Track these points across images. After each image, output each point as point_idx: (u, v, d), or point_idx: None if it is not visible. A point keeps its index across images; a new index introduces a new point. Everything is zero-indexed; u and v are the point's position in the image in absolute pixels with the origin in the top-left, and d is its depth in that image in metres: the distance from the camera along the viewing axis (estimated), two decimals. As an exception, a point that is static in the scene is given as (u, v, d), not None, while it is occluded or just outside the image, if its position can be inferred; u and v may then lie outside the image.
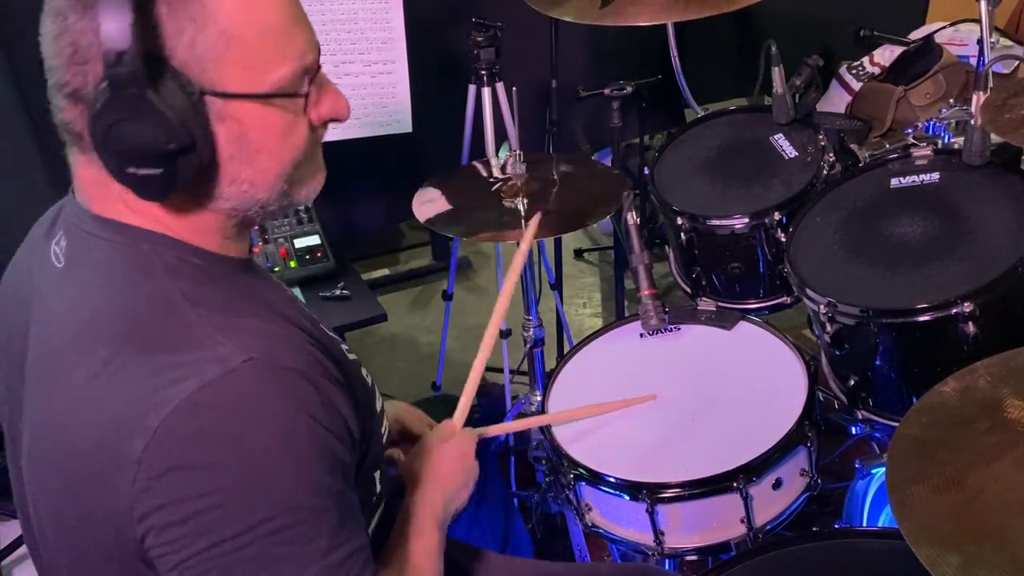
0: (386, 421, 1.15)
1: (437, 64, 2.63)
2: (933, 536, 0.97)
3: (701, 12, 1.87)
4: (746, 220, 1.83)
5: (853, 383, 1.66)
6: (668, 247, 2.12)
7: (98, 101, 0.83)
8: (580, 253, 3.33)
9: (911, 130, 2.08)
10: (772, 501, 1.52)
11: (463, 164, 2.32)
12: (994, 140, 1.64)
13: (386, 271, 3.35)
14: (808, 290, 1.64)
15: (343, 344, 1.08)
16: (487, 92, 2.25)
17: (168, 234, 0.93)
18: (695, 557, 1.59)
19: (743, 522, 1.49)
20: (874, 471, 1.72)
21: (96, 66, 0.84)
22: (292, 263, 1.98)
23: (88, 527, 0.89)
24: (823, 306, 1.59)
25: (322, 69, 0.95)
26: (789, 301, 1.91)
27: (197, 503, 0.83)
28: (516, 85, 1.99)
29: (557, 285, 2.65)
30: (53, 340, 0.93)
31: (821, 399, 1.65)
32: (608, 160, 2.73)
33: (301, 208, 2.05)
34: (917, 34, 2.78)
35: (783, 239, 1.77)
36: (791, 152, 1.95)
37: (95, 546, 0.90)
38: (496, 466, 2.15)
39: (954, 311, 1.47)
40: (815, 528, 1.81)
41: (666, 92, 2.62)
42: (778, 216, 1.81)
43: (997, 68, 2.38)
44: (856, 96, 2.76)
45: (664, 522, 1.49)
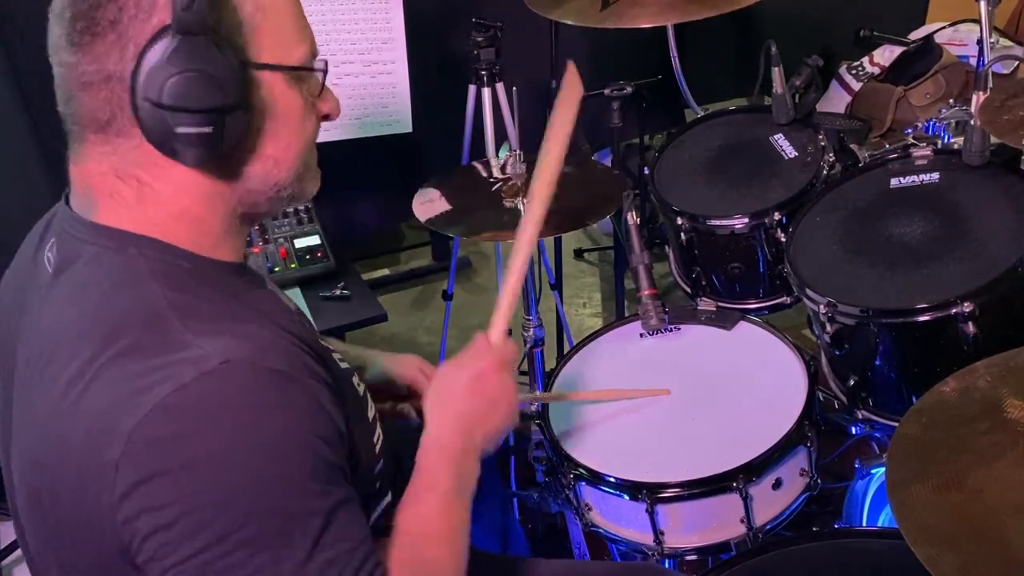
0: (379, 429, 1.11)
1: (437, 64, 2.63)
2: (933, 536, 0.97)
3: (701, 13, 1.87)
4: (746, 220, 1.83)
5: (853, 383, 1.66)
6: (668, 247, 2.12)
7: (148, 61, 0.85)
8: (580, 253, 3.33)
9: (911, 130, 2.08)
10: (772, 501, 1.52)
11: (463, 164, 2.32)
12: (994, 140, 1.64)
13: (386, 271, 3.35)
14: (808, 290, 1.64)
15: (335, 354, 1.07)
16: (487, 92, 2.25)
17: (160, 238, 0.92)
18: (695, 557, 1.59)
19: (743, 522, 1.49)
20: (874, 471, 1.72)
21: (141, 37, 0.85)
22: (292, 263, 1.98)
23: (72, 532, 0.89)
24: (823, 306, 1.59)
25: None
26: (789, 301, 1.91)
27: (174, 509, 0.82)
28: (516, 85, 1.99)
29: (557, 285, 2.65)
30: (41, 345, 0.93)
31: (821, 399, 1.66)
32: (608, 160, 2.73)
33: (301, 208, 2.05)
34: (917, 34, 2.79)
35: (783, 239, 1.77)
36: (791, 152, 1.95)
37: (81, 551, 0.89)
38: (495, 466, 2.15)
39: (954, 311, 1.47)
40: (815, 528, 1.81)
41: (666, 92, 2.62)
42: (778, 216, 1.81)
43: (997, 68, 2.38)
44: (856, 96, 2.76)
45: (664, 522, 1.50)
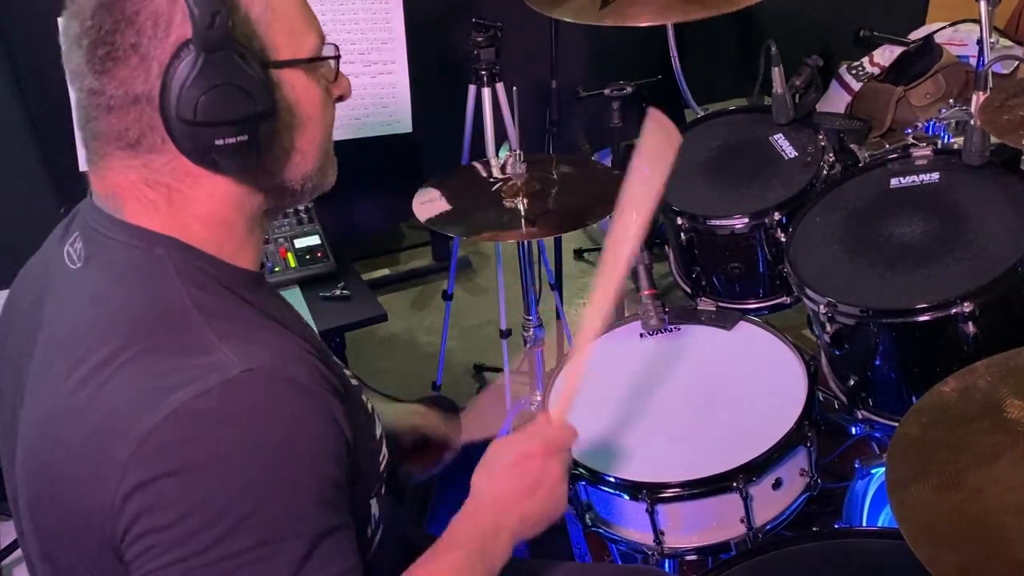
0: (384, 449, 1.10)
1: (437, 64, 2.63)
2: (933, 536, 0.97)
3: (701, 12, 1.87)
4: (746, 220, 1.83)
5: (853, 383, 1.66)
6: (668, 247, 2.12)
7: (176, 82, 0.85)
8: (580, 253, 3.33)
9: (911, 130, 2.08)
10: (772, 501, 1.52)
11: (463, 164, 2.32)
12: (994, 140, 1.64)
13: (386, 271, 3.35)
14: (808, 290, 1.64)
15: (345, 369, 1.08)
16: (487, 92, 2.25)
17: (185, 240, 0.93)
18: (695, 557, 1.59)
19: (743, 522, 1.49)
20: (874, 471, 1.72)
21: (163, 55, 0.85)
22: (292, 263, 1.98)
23: (72, 532, 0.89)
24: (823, 306, 1.59)
25: None
26: (789, 301, 1.91)
27: (172, 513, 0.82)
28: (516, 85, 1.99)
29: (557, 285, 2.65)
30: (62, 339, 0.93)
31: (821, 399, 1.65)
32: (608, 160, 2.73)
33: (301, 208, 2.05)
34: (917, 34, 2.79)
35: (783, 239, 1.77)
36: (791, 152, 1.95)
37: (80, 551, 0.89)
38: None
39: (954, 311, 1.47)
40: (815, 528, 1.81)
41: (666, 92, 2.62)
42: (778, 216, 1.81)
43: (997, 68, 2.38)
44: (856, 96, 2.76)
45: (664, 522, 1.49)
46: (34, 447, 0.93)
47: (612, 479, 1.50)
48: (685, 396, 1.62)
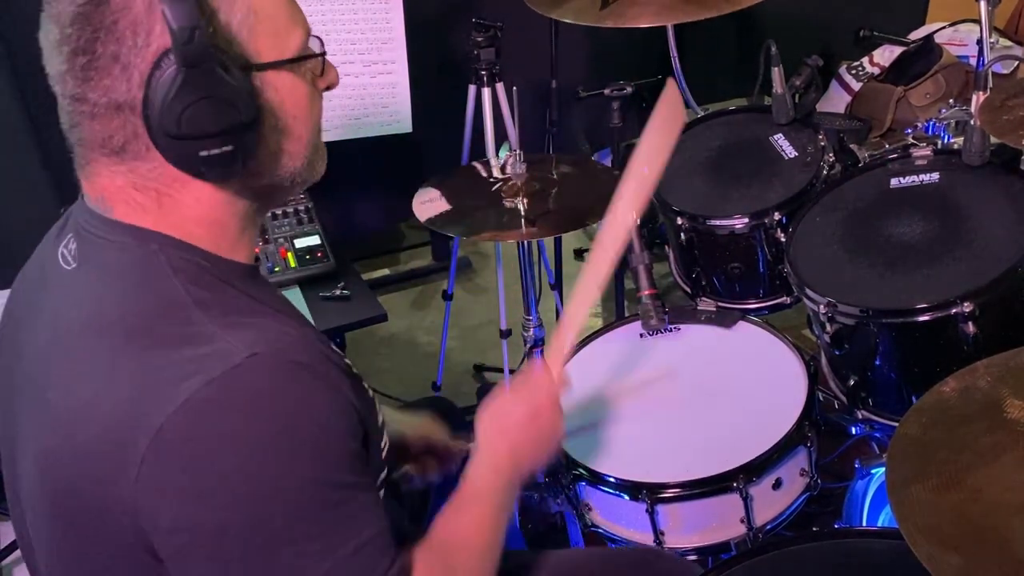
0: (386, 435, 1.12)
1: (437, 64, 2.63)
2: (933, 536, 0.97)
3: (701, 13, 1.87)
4: (746, 220, 1.83)
5: (853, 383, 1.66)
6: (668, 247, 2.12)
7: (158, 93, 0.84)
8: (580, 253, 3.33)
9: (911, 130, 2.08)
10: (772, 501, 1.52)
11: (463, 164, 2.32)
12: (994, 140, 1.64)
13: (386, 271, 3.35)
14: (808, 290, 1.64)
15: (345, 359, 1.08)
16: (487, 92, 2.26)
17: (180, 237, 0.93)
18: (695, 557, 1.59)
19: (743, 522, 1.49)
20: (874, 471, 1.71)
21: (144, 64, 0.85)
22: (292, 263, 1.97)
23: (90, 527, 0.89)
24: (823, 306, 1.59)
25: None
26: (789, 301, 1.91)
27: (199, 504, 0.83)
28: (516, 85, 1.98)
29: (557, 285, 2.65)
30: (61, 339, 0.93)
31: (821, 399, 1.65)
32: (608, 160, 2.73)
33: (301, 208, 2.05)
34: (917, 34, 2.79)
35: (783, 239, 1.77)
36: (791, 152, 1.95)
37: (98, 544, 0.89)
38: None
39: (954, 311, 1.47)
40: (815, 528, 1.80)
41: (666, 92, 2.61)
42: (778, 216, 1.81)
43: (997, 68, 2.38)
44: (856, 96, 2.76)
45: (664, 522, 1.50)
46: (43, 445, 0.93)
47: (612, 479, 1.50)
48: (685, 396, 1.62)
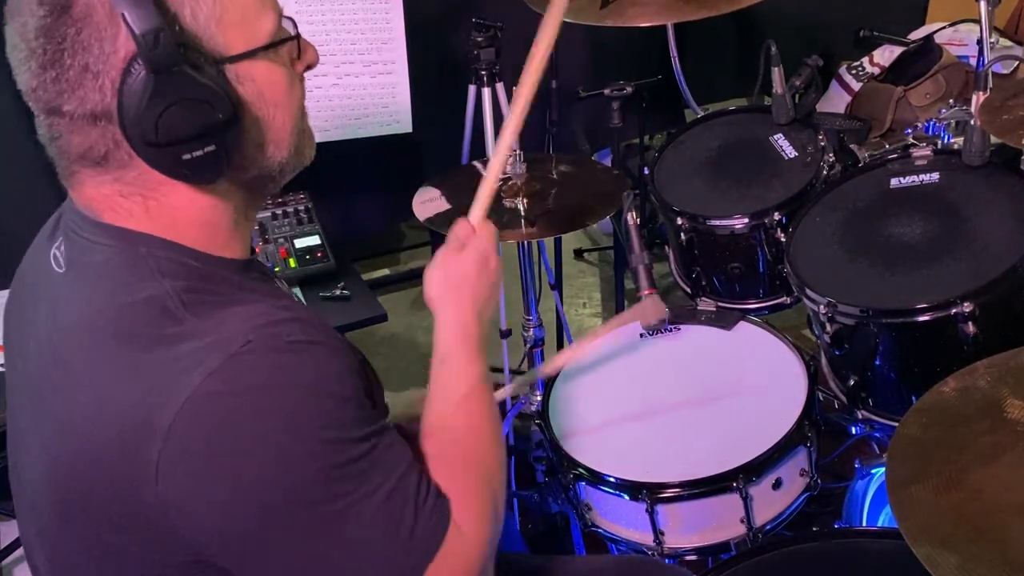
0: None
1: (437, 64, 2.63)
2: (933, 536, 0.97)
3: (701, 12, 1.87)
4: (746, 220, 1.83)
5: (853, 383, 1.66)
6: (668, 247, 2.12)
7: (131, 101, 0.83)
8: (580, 253, 3.33)
9: (911, 130, 2.07)
10: (772, 501, 1.52)
11: (463, 164, 2.32)
12: (994, 140, 1.64)
13: (386, 271, 3.34)
14: (808, 290, 1.64)
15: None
16: (487, 92, 2.25)
17: (169, 238, 0.92)
18: (695, 557, 1.59)
19: (743, 522, 1.49)
20: (874, 471, 1.71)
21: (114, 71, 0.83)
22: (292, 263, 1.97)
23: (112, 531, 0.88)
24: (823, 306, 1.59)
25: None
26: (789, 301, 1.91)
27: (228, 496, 0.83)
28: (516, 85, 1.98)
29: (557, 285, 2.65)
30: (57, 345, 0.93)
31: (821, 399, 1.65)
32: (608, 160, 2.73)
33: (301, 208, 2.05)
34: (917, 34, 2.79)
35: (783, 239, 1.77)
36: (791, 152, 1.95)
37: (125, 543, 0.89)
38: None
39: (954, 311, 1.47)
40: (815, 528, 1.81)
41: (666, 92, 2.62)
42: (778, 216, 1.81)
43: (997, 68, 2.38)
44: (856, 96, 2.76)
45: (664, 522, 1.50)
46: (52, 453, 0.92)
47: (612, 479, 1.50)
48: (685, 396, 1.62)
